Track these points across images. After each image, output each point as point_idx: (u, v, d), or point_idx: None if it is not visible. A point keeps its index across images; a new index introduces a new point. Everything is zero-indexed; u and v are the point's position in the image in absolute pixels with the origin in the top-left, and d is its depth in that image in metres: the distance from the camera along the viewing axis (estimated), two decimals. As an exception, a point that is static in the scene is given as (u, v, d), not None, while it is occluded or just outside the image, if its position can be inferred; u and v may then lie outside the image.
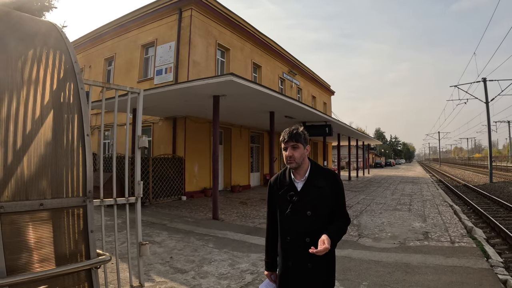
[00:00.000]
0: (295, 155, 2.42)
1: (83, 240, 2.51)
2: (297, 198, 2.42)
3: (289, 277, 2.43)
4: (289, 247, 2.42)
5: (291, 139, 2.43)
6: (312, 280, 2.38)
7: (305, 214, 2.39)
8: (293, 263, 2.41)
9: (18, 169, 2.18)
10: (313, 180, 2.46)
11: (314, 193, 2.43)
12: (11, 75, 2.31)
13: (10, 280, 2.02)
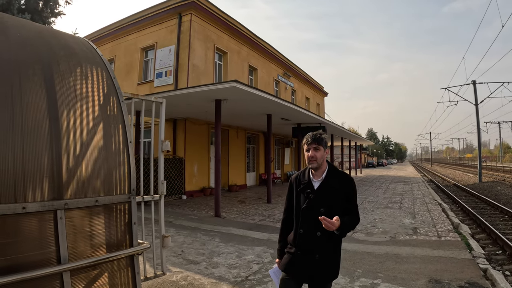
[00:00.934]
0: (316, 156, 2.69)
1: (127, 231, 3.01)
2: (313, 196, 2.68)
3: (295, 264, 2.68)
4: (301, 239, 2.67)
5: (314, 141, 2.71)
6: (317, 270, 2.62)
7: (319, 210, 2.63)
8: (302, 253, 2.66)
9: (78, 172, 2.67)
10: (329, 181, 2.71)
11: (328, 193, 2.68)
12: (66, 92, 2.80)
13: (71, 265, 2.51)
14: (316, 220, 2.55)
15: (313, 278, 2.67)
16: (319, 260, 2.61)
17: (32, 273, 2.24)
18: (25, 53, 2.67)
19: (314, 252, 2.61)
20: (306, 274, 2.66)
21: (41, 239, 2.40)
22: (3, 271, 2.15)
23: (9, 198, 2.21)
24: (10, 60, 2.50)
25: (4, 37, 2.61)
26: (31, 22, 3.27)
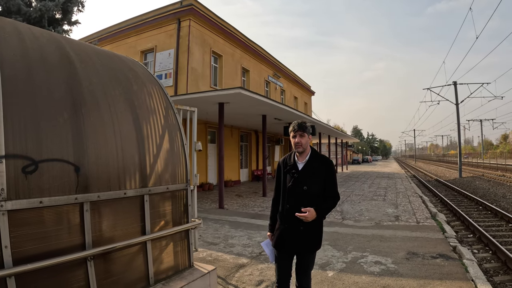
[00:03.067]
0: (302, 142, 3.08)
1: (185, 211, 4.07)
2: (297, 175, 3.07)
3: (283, 235, 3.07)
4: (287, 213, 3.06)
5: (300, 129, 3.10)
6: (302, 239, 3.01)
7: (302, 188, 3.03)
8: (289, 225, 3.04)
9: (155, 167, 3.71)
10: (311, 163, 3.11)
11: (311, 173, 3.07)
12: (141, 107, 3.82)
13: (152, 236, 3.54)
14: (299, 196, 3.02)
15: (300, 249, 3.08)
16: (303, 231, 3.00)
17: (130, 241, 3.29)
18: (108, 77, 3.68)
19: (299, 224, 2.99)
20: (294, 245, 3.05)
21: (133, 217, 3.44)
22: (118, 239, 3.20)
23: (116, 186, 3.23)
24: (99, 83, 3.50)
25: (92, 64, 3.61)
26: (103, 50, 4.28)
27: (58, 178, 2.71)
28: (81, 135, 2.94)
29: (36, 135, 2.62)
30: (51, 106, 2.82)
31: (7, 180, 2.38)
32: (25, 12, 8.38)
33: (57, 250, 2.68)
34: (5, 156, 2.38)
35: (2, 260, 2.35)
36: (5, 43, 2.83)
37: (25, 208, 2.48)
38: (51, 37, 3.50)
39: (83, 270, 2.89)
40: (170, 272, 3.83)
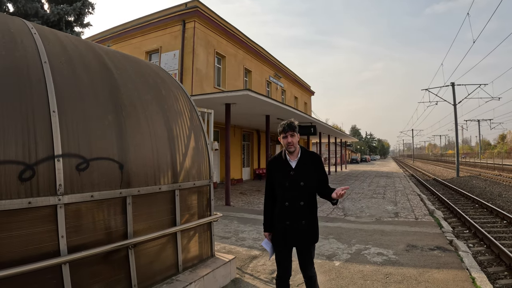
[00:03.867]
0: (293, 141, 3.17)
1: (208, 205, 4.48)
2: (293, 173, 3.16)
3: (286, 232, 3.13)
4: (288, 210, 3.14)
5: (290, 129, 3.17)
6: (305, 232, 3.13)
7: (299, 184, 3.13)
8: (290, 221, 3.12)
9: (184, 164, 4.12)
10: (303, 160, 3.22)
11: (304, 169, 3.18)
12: (170, 110, 4.22)
13: (182, 227, 3.95)
14: (298, 192, 3.13)
15: (302, 242, 3.17)
16: (305, 225, 3.13)
17: (165, 231, 3.70)
18: (140, 82, 4.08)
19: (301, 219, 3.12)
20: (297, 240, 3.15)
21: (166, 210, 3.85)
22: (153, 230, 3.60)
23: (152, 182, 3.64)
24: (134, 88, 3.90)
25: (126, 70, 4.01)
26: (132, 56, 4.68)
27: (106, 175, 3.11)
28: (123, 136, 3.34)
29: (87, 136, 3.02)
30: (97, 110, 3.22)
31: (64, 176, 2.78)
32: (42, 15, 8.75)
33: (104, 240, 3.09)
34: (62, 155, 2.77)
35: (59, 249, 2.74)
36: (52, 52, 3.21)
37: (79, 201, 2.88)
38: (87, 45, 3.91)
39: (125, 258, 3.30)
40: (196, 260, 4.25)
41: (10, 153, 2.47)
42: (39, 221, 2.61)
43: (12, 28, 3.12)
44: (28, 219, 2.55)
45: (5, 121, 2.48)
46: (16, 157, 2.50)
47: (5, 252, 2.42)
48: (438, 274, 4.95)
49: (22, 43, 3.03)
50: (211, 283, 4.11)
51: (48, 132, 2.72)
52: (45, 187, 2.64)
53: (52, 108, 2.79)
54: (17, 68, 2.78)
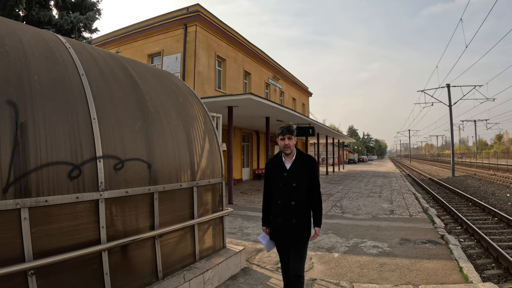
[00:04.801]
0: (290, 144, 3.36)
1: (220, 200, 4.95)
2: (286, 174, 3.37)
3: (280, 228, 3.39)
4: (280, 208, 3.38)
5: (288, 132, 3.36)
6: (295, 231, 3.33)
7: (291, 185, 3.33)
8: (282, 219, 3.35)
9: (201, 164, 4.58)
10: (298, 162, 3.40)
11: (298, 171, 3.35)
12: (187, 115, 4.68)
13: (199, 220, 4.41)
14: (290, 192, 3.34)
15: (293, 239, 3.35)
16: (296, 223, 3.32)
17: (185, 223, 4.17)
18: (161, 91, 4.54)
19: (291, 217, 3.32)
20: (288, 236, 3.35)
21: (186, 204, 4.31)
22: (176, 222, 4.06)
23: (175, 180, 4.10)
24: (156, 96, 4.36)
25: (148, 80, 4.46)
26: (151, 66, 5.14)
27: (137, 173, 3.58)
28: (149, 139, 3.81)
29: (121, 140, 3.49)
30: (128, 117, 3.69)
31: (104, 175, 3.24)
32: (55, 23, 9.16)
33: (135, 230, 3.55)
34: (102, 156, 3.23)
35: (100, 238, 3.19)
36: (86, 65, 3.66)
37: (116, 196, 3.34)
38: (113, 57, 4.36)
39: (152, 247, 3.76)
40: (210, 251, 4.72)
41: (61, 155, 2.91)
42: (84, 214, 3.06)
43: (50, 43, 3.55)
44: (76, 211, 3.00)
45: (56, 127, 2.93)
46: (66, 158, 2.95)
47: (56, 240, 2.86)
48: (429, 264, 5.44)
49: (61, 57, 3.46)
50: (224, 271, 4.58)
51: (90, 136, 3.17)
52: (89, 184, 3.09)
53: (92, 115, 3.25)
54: (61, 80, 3.23)
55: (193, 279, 3.97)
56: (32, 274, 2.63)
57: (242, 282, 4.59)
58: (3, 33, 3.06)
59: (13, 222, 2.57)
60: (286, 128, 3.38)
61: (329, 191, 16.33)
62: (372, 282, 4.71)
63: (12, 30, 3.21)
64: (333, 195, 14.98)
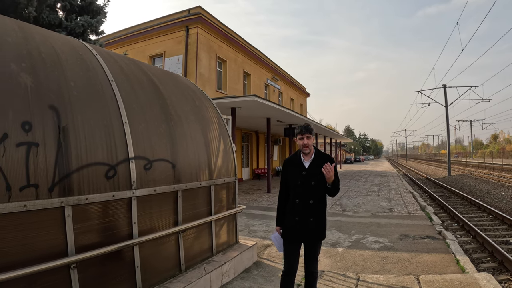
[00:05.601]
0: (309, 143, 3.35)
1: (233, 198, 5.27)
2: (305, 173, 3.34)
3: (295, 227, 3.34)
4: (298, 207, 3.34)
5: (307, 131, 3.36)
6: (312, 230, 3.31)
7: (310, 184, 3.32)
8: (299, 218, 3.31)
9: (217, 164, 4.89)
10: (316, 161, 3.36)
11: (317, 170, 3.30)
12: (204, 118, 4.98)
13: (216, 216, 4.72)
14: (308, 191, 3.32)
15: (309, 238, 3.35)
16: (313, 222, 3.31)
17: (205, 219, 4.48)
18: (180, 95, 4.85)
19: (309, 216, 3.31)
20: (305, 236, 3.33)
21: (204, 202, 4.62)
22: (195, 219, 4.38)
23: (195, 179, 4.42)
24: (176, 100, 4.66)
25: (168, 85, 4.77)
26: (168, 72, 5.44)
27: (163, 173, 3.89)
28: (173, 141, 4.13)
29: (149, 142, 3.80)
30: (154, 120, 4.00)
31: (136, 174, 3.54)
32: (66, 26, 9.43)
33: (162, 226, 3.86)
34: (134, 157, 3.54)
35: (132, 232, 3.49)
36: (114, 71, 3.95)
37: (146, 194, 3.65)
38: (134, 63, 4.67)
39: (175, 241, 4.08)
40: (225, 245, 5.04)
41: (98, 156, 3.21)
42: (119, 210, 3.37)
43: (79, 50, 3.83)
44: (112, 209, 3.30)
45: (93, 131, 3.23)
46: (103, 159, 3.25)
47: (95, 236, 3.14)
48: (427, 257, 5.79)
49: (91, 63, 3.75)
50: (239, 264, 4.91)
51: (123, 139, 3.48)
52: (123, 183, 3.40)
53: (124, 119, 3.56)
54: (95, 86, 3.52)
55: (213, 271, 4.29)
56: (74, 267, 2.89)
57: (256, 274, 4.92)
58: (38, 41, 3.33)
59: (58, 219, 2.83)
60: (304, 128, 3.40)
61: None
62: (376, 273, 5.05)
63: (44, 37, 3.48)
64: (333, 194, 15.32)
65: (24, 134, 2.67)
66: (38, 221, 2.70)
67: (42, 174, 2.73)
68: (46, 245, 2.76)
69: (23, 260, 2.57)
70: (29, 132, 2.70)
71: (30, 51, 3.12)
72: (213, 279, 4.29)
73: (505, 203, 13.73)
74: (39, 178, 2.71)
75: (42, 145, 2.75)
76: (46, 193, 2.74)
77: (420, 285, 4.44)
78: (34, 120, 2.76)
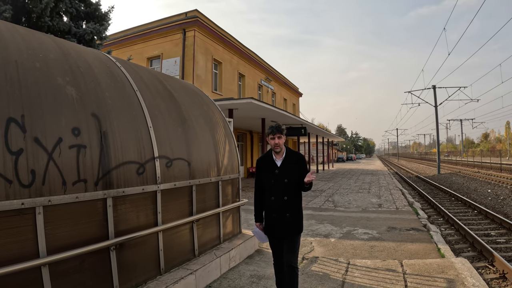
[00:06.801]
0: (280, 143, 3.53)
1: (237, 193, 5.89)
2: (278, 171, 3.53)
3: (274, 223, 3.55)
4: (273, 204, 3.53)
5: (277, 131, 3.53)
6: (289, 225, 3.50)
7: (283, 181, 3.49)
8: (277, 214, 3.51)
9: (223, 162, 5.50)
10: (288, 159, 3.57)
11: (288, 168, 3.52)
12: (212, 121, 5.58)
13: (223, 208, 5.34)
14: (282, 188, 3.51)
15: (286, 233, 3.52)
16: (290, 217, 3.49)
17: (214, 210, 5.10)
18: (191, 101, 5.44)
19: (285, 212, 3.48)
20: (282, 230, 3.52)
21: (213, 195, 5.23)
22: (206, 210, 4.98)
23: (206, 175, 5.02)
24: (189, 106, 5.25)
25: (180, 92, 5.36)
26: (179, 79, 6.03)
27: (181, 170, 4.50)
28: (188, 142, 4.73)
29: (169, 143, 4.40)
30: (172, 124, 4.60)
31: (160, 171, 4.14)
32: (75, 33, 9.91)
33: (180, 216, 4.46)
34: (158, 157, 4.14)
35: (157, 221, 4.09)
36: (136, 81, 4.53)
37: (168, 188, 4.24)
38: (149, 72, 5.26)
39: (190, 230, 4.69)
40: (230, 235, 5.67)
41: (131, 156, 3.80)
42: (147, 202, 3.96)
43: (106, 62, 4.40)
44: (142, 200, 3.90)
45: (126, 134, 3.82)
46: (135, 158, 3.84)
47: (129, 223, 3.72)
48: (412, 246, 6.47)
49: (118, 75, 4.32)
50: (243, 251, 5.53)
51: (149, 141, 4.07)
52: (150, 178, 3.99)
53: (149, 124, 4.15)
54: (124, 96, 4.10)
55: (222, 256, 4.91)
56: (113, 249, 3.49)
57: (258, 260, 5.55)
58: (75, 56, 3.90)
59: (101, 208, 3.42)
60: (275, 128, 3.56)
61: (321, 188, 17.37)
62: (364, 258, 5.72)
63: (78, 53, 4.03)
64: (325, 191, 16.02)
65: (74, 138, 3.24)
66: (86, 210, 3.28)
67: (89, 171, 3.31)
68: (92, 230, 3.33)
69: (74, 242, 3.12)
70: (78, 136, 3.27)
71: (70, 66, 3.69)
72: (222, 263, 4.91)
73: (490, 199, 14.51)
74: (87, 174, 3.29)
75: (88, 147, 3.33)
76: (92, 187, 3.32)
77: (403, 268, 5.09)
78: (81, 126, 3.33)
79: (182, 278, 4.08)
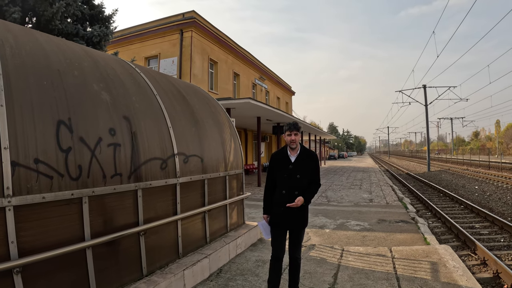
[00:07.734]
0: (296, 139, 3.65)
1: (241, 187, 6.46)
2: (292, 167, 3.65)
3: (281, 217, 3.68)
4: (284, 197, 3.63)
5: (294, 129, 3.68)
6: (296, 219, 3.67)
7: (296, 176, 3.63)
8: (285, 208, 3.60)
9: (230, 159, 6.07)
10: (302, 156, 3.70)
11: (302, 164, 3.65)
12: (219, 121, 6.14)
13: (230, 200, 5.90)
14: (294, 183, 3.64)
15: (294, 226, 3.69)
16: (297, 211, 3.63)
17: (223, 202, 5.66)
18: (200, 103, 5.98)
19: (294, 207, 3.60)
20: (290, 223, 3.68)
21: (222, 188, 5.79)
22: (215, 202, 5.53)
23: (215, 170, 5.58)
24: (199, 108, 5.80)
25: (191, 95, 5.90)
26: (187, 83, 6.57)
27: (195, 165, 5.05)
28: (201, 140, 5.28)
29: (185, 141, 4.94)
30: (187, 124, 5.14)
31: (179, 166, 4.68)
32: (83, 35, 10.34)
33: (196, 206, 5.01)
34: (177, 153, 4.68)
35: (176, 211, 4.63)
36: (155, 86, 5.02)
37: (185, 181, 4.78)
38: (164, 77, 5.78)
39: (203, 219, 5.24)
40: (235, 225, 6.24)
41: (156, 153, 4.33)
42: (169, 193, 4.50)
43: (129, 69, 4.92)
44: (164, 191, 4.43)
45: (152, 134, 4.34)
46: (159, 155, 4.37)
47: (155, 212, 4.25)
48: (400, 236, 7.11)
49: (140, 81, 4.84)
50: (247, 239, 6.12)
51: (169, 140, 4.61)
52: (171, 172, 4.53)
53: (169, 125, 4.69)
54: (148, 100, 4.61)
55: (230, 243, 5.48)
56: (142, 234, 4.02)
57: (261, 248, 6.13)
58: (103, 64, 4.41)
59: (133, 198, 3.93)
60: (293, 125, 3.72)
61: (315, 184, 17.96)
62: (357, 246, 6.33)
63: (105, 61, 4.54)
64: (319, 187, 16.64)
65: (111, 137, 3.76)
66: (121, 200, 3.80)
67: (123, 166, 3.84)
68: (126, 218, 3.85)
69: (113, 228, 3.65)
70: (114, 136, 3.80)
71: (101, 73, 4.19)
72: (231, 249, 5.49)
73: (477, 195, 15.26)
74: (122, 169, 3.81)
75: (122, 145, 3.86)
76: (126, 180, 3.85)
77: (392, 253, 5.71)
78: (116, 127, 3.85)
79: (199, 261, 4.63)
